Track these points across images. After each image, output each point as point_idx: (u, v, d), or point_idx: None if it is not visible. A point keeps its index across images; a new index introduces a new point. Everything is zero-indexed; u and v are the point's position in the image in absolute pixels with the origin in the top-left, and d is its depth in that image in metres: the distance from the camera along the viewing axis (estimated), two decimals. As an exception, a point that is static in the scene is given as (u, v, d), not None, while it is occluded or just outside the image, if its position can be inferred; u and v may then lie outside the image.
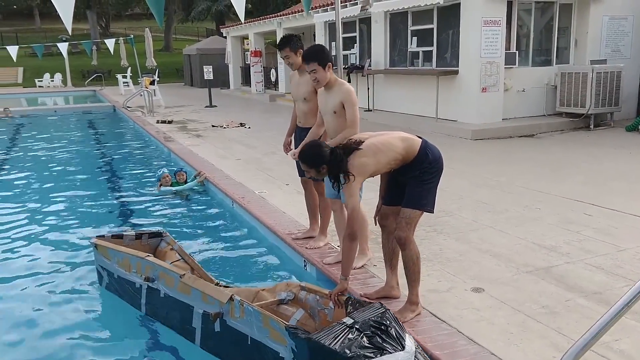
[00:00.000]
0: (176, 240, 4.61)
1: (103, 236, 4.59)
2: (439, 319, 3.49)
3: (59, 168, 9.74)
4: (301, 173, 4.96)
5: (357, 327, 2.75)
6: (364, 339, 2.69)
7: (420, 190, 3.44)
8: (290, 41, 4.58)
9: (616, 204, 5.79)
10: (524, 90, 11.44)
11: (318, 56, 4.03)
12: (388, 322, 2.81)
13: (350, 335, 2.70)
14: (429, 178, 3.44)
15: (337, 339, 2.68)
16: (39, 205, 7.22)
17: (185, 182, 7.76)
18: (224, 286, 3.96)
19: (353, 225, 3.30)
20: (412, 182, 3.44)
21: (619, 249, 4.58)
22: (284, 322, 3.00)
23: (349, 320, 2.80)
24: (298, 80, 4.71)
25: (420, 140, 3.48)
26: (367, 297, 3.67)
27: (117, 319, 4.15)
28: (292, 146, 5.02)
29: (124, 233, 4.63)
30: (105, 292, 4.47)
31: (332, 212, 4.51)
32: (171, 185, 7.63)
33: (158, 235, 4.64)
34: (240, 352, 3.26)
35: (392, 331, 2.76)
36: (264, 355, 3.09)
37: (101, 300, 4.44)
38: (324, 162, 3.35)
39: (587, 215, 5.48)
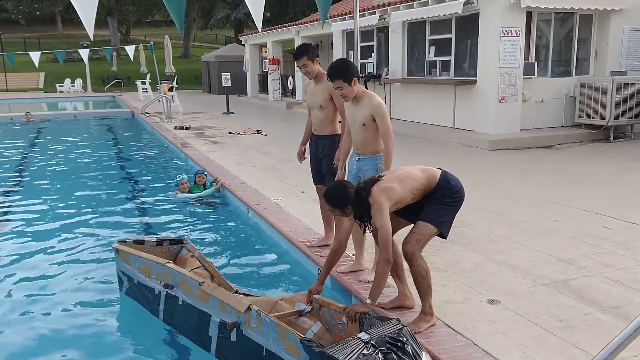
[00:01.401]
0: (197, 248, 4.60)
1: (125, 241, 4.58)
2: (454, 330, 3.46)
3: (78, 172, 9.84)
4: (316, 181, 4.97)
5: (373, 342, 2.71)
6: (379, 355, 2.65)
7: (439, 208, 3.47)
8: (307, 50, 4.60)
9: (636, 217, 5.70)
10: (542, 101, 11.36)
11: (342, 73, 3.94)
12: (405, 338, 2.77)
13: (365, 351, 2.66)
14: (449, 201, 3.48)
15: (351, 354, 2.64)
16: (58, 209, 7.31)
17: (205, 185, 7.83)
18: (244, 294, 3.95)
19: (388, 249, 3.30)
20: (432, 203, 3.48)
21: (638, 262, 4.51)
22: (299, 334, 2.97)
23: (364, 336, 2.76)
24: (313, 89, 4.71)
25: (440, 170, 3.55)
26: (381, 307, 3.65)
27: (134, 326, 4.17)
28: (307, 154, 5.03)
29: (145, 239, 4.62)
30: (124, 298, 4.48)
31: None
32: (189, 192, 7.70)
33: (179, 242, 4.64)
34: None
35: (409, 348, 2.72)
36: None
37: (120, 306, 4.46)
38: (348, 203, 3.40)
39: (606, 228, 5.41)
